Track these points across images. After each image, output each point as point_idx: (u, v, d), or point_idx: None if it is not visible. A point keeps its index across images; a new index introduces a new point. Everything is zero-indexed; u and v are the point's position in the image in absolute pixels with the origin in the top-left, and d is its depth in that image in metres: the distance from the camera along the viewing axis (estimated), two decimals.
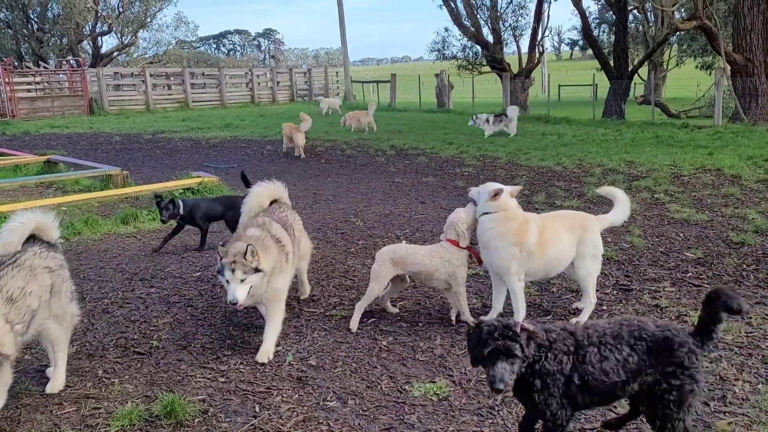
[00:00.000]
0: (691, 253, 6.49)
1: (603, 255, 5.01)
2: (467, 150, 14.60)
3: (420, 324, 4.91)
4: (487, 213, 4.69)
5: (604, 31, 44.79)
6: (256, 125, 22.54)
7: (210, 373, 4.15)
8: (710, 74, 35.29)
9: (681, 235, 7.21)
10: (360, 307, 4.82)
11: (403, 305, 5.31)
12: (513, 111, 17.81)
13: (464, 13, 27.58)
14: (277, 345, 4.56)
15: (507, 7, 28.75)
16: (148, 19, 46.06)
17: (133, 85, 31.65)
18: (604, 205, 8.77)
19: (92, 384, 4.05)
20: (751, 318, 4.77)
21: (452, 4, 27.25)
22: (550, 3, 30.07)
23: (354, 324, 4.76)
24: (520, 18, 29.45)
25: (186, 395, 3.84)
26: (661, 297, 5.29)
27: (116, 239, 7.70)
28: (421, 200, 9.61)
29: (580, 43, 72.82)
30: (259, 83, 36.38)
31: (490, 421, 3.53)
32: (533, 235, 4.62)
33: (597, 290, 5.59)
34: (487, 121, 17.65)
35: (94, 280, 6.09)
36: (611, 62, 24.13)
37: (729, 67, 18.28)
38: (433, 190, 10.44)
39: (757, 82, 18.35)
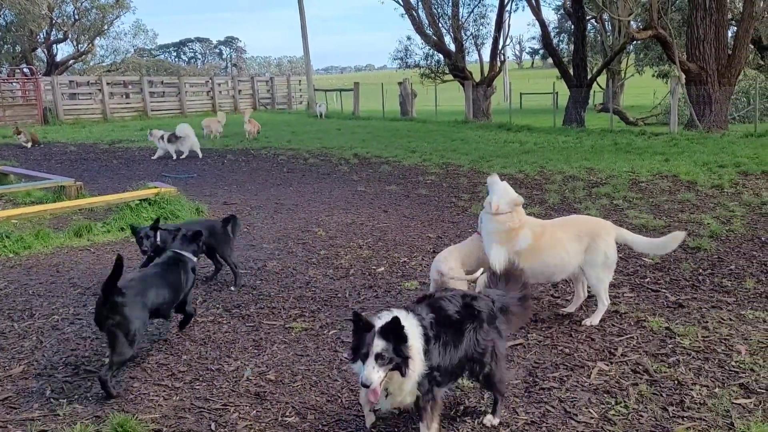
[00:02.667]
0: (649, 258, 6.58)
1: None
2: (430, 158, 14.64)
3: None
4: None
5: (563, 41, 45.61)
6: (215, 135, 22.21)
7: (164, 391, 4.01)
8: (666, 83, 36.23)
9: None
10: None
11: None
12: (183, 130, 16.75)
13: (426, 22, 27.78)
14: (235, 359, 4.44)
15: (468, 16, 29.10)
16: (105, 27, 45.19)
17: (90, 93, 30.94)
18: (564, 211, 8.88)
19: (38, 405, 3.87)
20: (707, 322, 4.83)
21: (414, 14, 27.41)
22: (510, 13, 30.63)
23: None
24: (481, 27, 29.88)
25: (138, 414, 3.69)
26: (620, 303, 5.33)
27: (69, 253, 7.44)
28: (384, 209, 9.56)
29: (541, 52, 74.22)
30: (220, 92, 35.98)
31: None
32: (524, 240, 4.74)
33: (557, 297, 5.63)
34: (162, 138, 16.71)
35: (44, 296, 5.86)
36: (571, 71, 24.52)
37: (684, 76, 18.75)
38: (396, 198, 10.41)
39: (710, 90, 18.85)
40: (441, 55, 29.20)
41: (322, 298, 5.62)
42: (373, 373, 2.99)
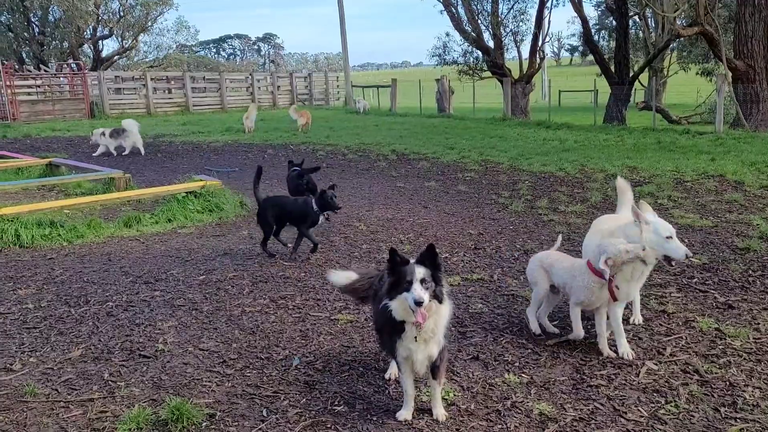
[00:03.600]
0: (696, 258, 6.48)
1: None
2: (469, 155, 14.59)
3: None
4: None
5: (603, 38, 44.89)
6: (257, 129, 22.54)
7: (216, 377, 4.13)
8: (710, 81, 35.34)
9: (686, 240, 7.19)
10: (530, 311, 4.77)
11: None
12: (129, 124, 16.60)
13: (465, 18, 27.64)
14: (283, 348, 4.54)
15: (508, 12, 28.86)
16: (149, 23, 46.09)
17: (134, 88, 31.68)
18: (607, 209, 8.78)
19: (98, 387, 4.02)
20: (759, 324, 4.75)
21: (453, 10, 27.30)
22: (551, 9, 30.20)
23: (534, 327, 4.70)
24: (521, 23, 29.57)
25: (193, 399, 3.81)
26: (667, 303, 5.27)
27: (119, 242, 7.67)
28: (424, 205, 9.60)
29: (580, 48, 73.06)
30: (259, 87, 36.43)
31: (499, 426, 3.51)
32: None
33: None
34: (103, 134, 16.54)
35: (97, 283, 6.06)
36: (612, 68, 24.13)
37: (730, 74, 18.29)
38: (436, 194, 10.43)
39: (758, 88, 18.37)
40: (479, 52, 29.03)
41: None
42: (423, 293, 3.27)
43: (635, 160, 12.97)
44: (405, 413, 3.59)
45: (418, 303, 3.24)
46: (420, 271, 3.33)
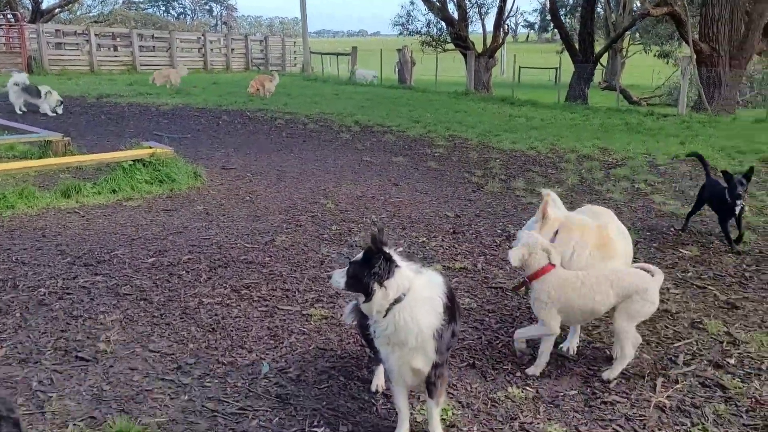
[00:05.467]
0: (687, 250, 6.12)
1: None
2: (435, 129, 14.03)
3: None
4: None
5: (564, 15, 44.72)
6: (209, 93, 21.40)
7: (171, 387, 3.48)
8: (667, 63, 35.72)
9: (673, 229, 6.85)
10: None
11: None
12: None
13: None
14: (249, 351, 3.92)
15: None
16: None
17: (77, 44, 29.68)
18: (585, 194, 8.39)
19: (24, 399, 3.33)
20: None
21: None
22: None
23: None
24: None
25: (141, 417, 3.17)
26: (668, 301, 4.86)
27: (56, 215, 6.81)
28: (394, 182, 8.99)
29: (537, 25, 72.83)
30: (212, 49, 34.78)
31: None
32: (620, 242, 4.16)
33: None
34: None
35: (29, 264, 5.26)
36: (576, 46, 23.84)
37: (695, 56, 18.20)
38: (405, 171, 9.84)
39: (721, 72, 18.36)
40: (443, 23, 28.28)
41: None
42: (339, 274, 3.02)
43: (605, 141, 12.67)
44: None
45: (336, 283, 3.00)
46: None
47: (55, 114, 15.28)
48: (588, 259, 3.83)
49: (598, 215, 4.20)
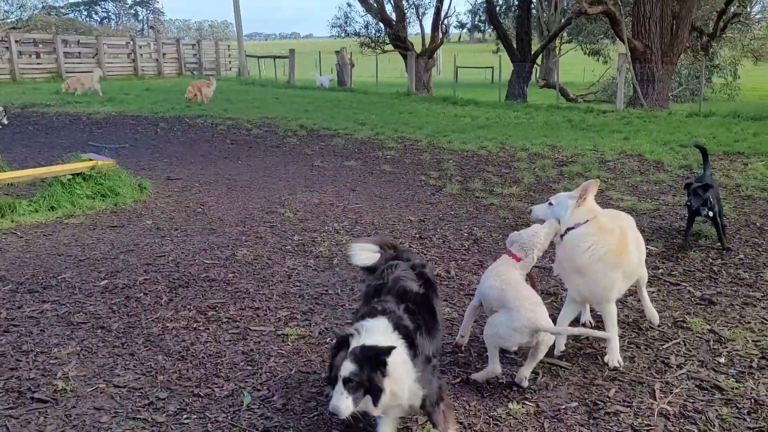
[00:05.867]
0: (653, 246, 6.14)
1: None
2: (383, 131, 13.86)
3: None
4: (572, 228, 3.78)
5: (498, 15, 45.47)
6: (143, 100, 20.54)
7: (145, 428, 3.14)
8: (598, 60, 36.82)
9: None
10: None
11: None
12: None
13: None
14: (226, 380, 3.61)
15: None
16: None
17: None
18: (542, 192, 8.38)
19: None
20: (749, 323, 4.39)
21: None
22: None
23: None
24: None
25: None
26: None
27: None
28: (350, 187, 8.76)
29: (468, 26, 74.01)
30: (142, 54, 33.54)
31: None
32: (634, 253, 3.95)
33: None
34: None
35: None
36: (514, 45, 24.18)
37: (630, 54, 18.72)
38: (360, 175, 9.61)
39: (654, 68, 18.95)
40: (382, 25, 28.19)
41: (311, 296, 4.82)
42: (342, 401, 2.58)
43: (552, 138, 12.81)
44: None
45: (332, 414, 2.66)
46: (348, 367, 2.60)
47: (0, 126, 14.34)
48: (598, 260, 3.72)
49: (620, 220, 4.12)
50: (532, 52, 24.00)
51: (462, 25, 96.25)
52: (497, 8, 42.87)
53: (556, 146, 11.95)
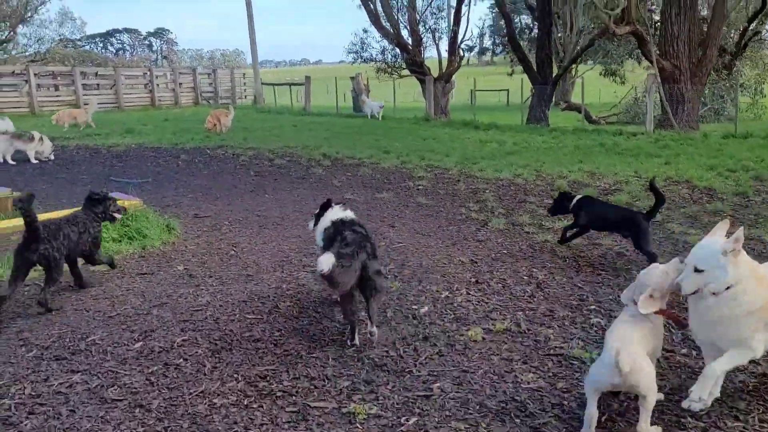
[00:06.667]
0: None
1: None
2: (409, 160, 13.38)
3: None
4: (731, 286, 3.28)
5: (493, 39, 45.34)
6: (162, 131, 20.28)
7: None
8: (614, 81, 36.37)
9: None
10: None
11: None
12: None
13: (383, 13, 26.42)
14: None
15: (426, 8, 27.94)
16: (29, 14, 41.61)
17: (15, 85, 28.03)
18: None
19: None
20: None
21: (371, 6, 26.00)
22: (469, 6, 29.48)
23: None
24: (439, 20, 28.75)
25: None
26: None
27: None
28: (388, 222, 8.24)
29: (475, 49, 74.05)
30: (158, 84, 33.53)
31: None
32: None
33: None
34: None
35: None
36: (535, 68, 23.77)
37: (659, 74, 18.21)
38: (395, 209, 9.10)
39: (683, 89, 18.42)
40: (398, 50, 27.93)
41: (371, 360, 4.26)
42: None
43: (589, 164, 12.26)
44: None
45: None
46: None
47: (47, 161, 14.30)
48: (743, 313, 3.26)
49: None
50: (554, 75, 23.52)
51: (470, 48, 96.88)
52: (489, 32, 42.81)
53: (595, 173, 11.39)
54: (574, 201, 6.80)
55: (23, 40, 45.52)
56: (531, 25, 39.16)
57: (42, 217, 6.87)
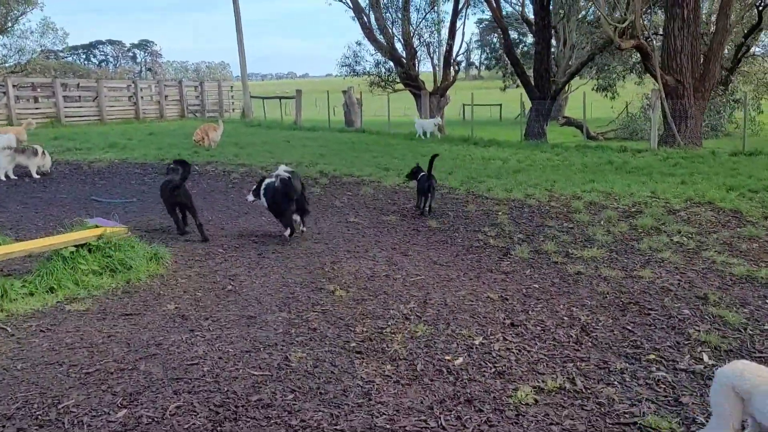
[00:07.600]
0: None
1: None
2: None
3: None
4: None
5: (484, 53, 45.08)
6: (147, 145, 19.40)
7: None
8: (606, 96, 36.06)
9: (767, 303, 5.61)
10: None
11: None
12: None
13: (377, 27, 25.86)
14: None
15: (420, 22, 27.42)
16: (9, 24, 40.52)
17: None
18: (627, 253, 7.13)
19: None
20: None
21: (365, 18, 25.42)
22: (464, 20, 28.99)
23: None
24: (434, 33, 28.23)
25: None
26: None
27: None
28: (401, 250, 7.50)
29: (463, 64, 74.01)
30: (143, 97, 32.60)
31: None
32: None
33: None
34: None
35: None
36: (532, 83, 23.27)
37: (662, 90, 17.73)
38: (405, 234, 8.37)
39: (686, 104, 17.96)
40: (392, 63, 27.35)
41: (405, 431, 3.51)
42: None
43: (601, 183, 11.62)
44: None
45: None
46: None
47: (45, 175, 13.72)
48: None
49: None
50: (553, 90, 23.02)
51: (458, 63, 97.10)
52: (476, 46, 42.54)
53: (610, 193, 10.74)
54: None
55: (3, 51, 44.29)
56: (521, 40, 38.75)
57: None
